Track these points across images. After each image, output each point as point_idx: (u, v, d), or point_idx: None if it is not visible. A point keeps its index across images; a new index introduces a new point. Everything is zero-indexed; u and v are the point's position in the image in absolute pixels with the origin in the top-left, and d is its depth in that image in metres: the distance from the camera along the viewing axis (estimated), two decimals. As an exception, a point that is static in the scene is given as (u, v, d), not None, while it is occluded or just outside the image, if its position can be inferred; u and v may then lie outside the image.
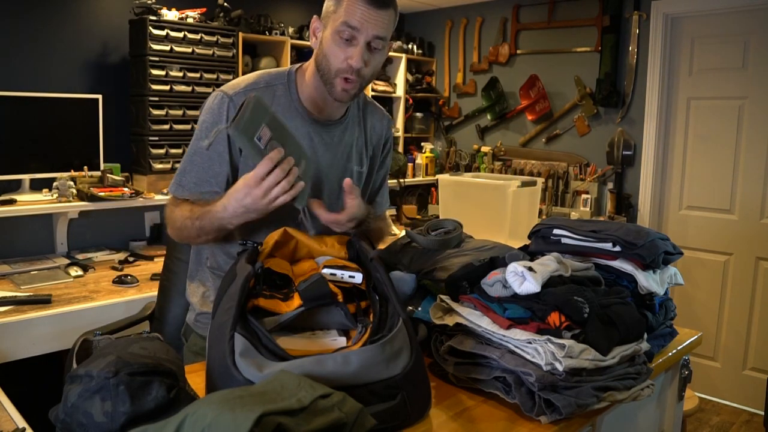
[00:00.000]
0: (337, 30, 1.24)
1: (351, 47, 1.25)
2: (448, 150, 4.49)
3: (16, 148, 2.66)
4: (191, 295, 1.48)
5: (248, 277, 1.02)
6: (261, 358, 0.90)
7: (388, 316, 1.03)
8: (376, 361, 0.93)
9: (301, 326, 1.10)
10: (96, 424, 0.80)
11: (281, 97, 1.35)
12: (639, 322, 1.14)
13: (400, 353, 0.96)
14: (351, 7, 1.23)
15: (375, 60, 1.29)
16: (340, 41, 1.25)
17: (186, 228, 1.29)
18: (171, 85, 2.94)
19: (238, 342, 0.91)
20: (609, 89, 3.63)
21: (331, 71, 1.27)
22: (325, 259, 1.18)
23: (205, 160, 1.31)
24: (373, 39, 1.25)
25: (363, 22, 1.23)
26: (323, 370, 0.89)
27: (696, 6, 3.37)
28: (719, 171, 3.42)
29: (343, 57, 1.25)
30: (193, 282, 1.49)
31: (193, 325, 1.48)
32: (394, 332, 0.97)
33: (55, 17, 2.87)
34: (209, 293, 1.44)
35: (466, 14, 4.36)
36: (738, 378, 3.43)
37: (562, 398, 0.98)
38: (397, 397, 0.93)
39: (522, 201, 3.20)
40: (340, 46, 1.25)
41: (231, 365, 0.89)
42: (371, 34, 1.24)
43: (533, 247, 1.42)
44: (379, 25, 1.24)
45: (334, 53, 1.26)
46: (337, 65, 1.26)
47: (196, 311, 1.46)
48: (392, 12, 1.27)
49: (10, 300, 2.20)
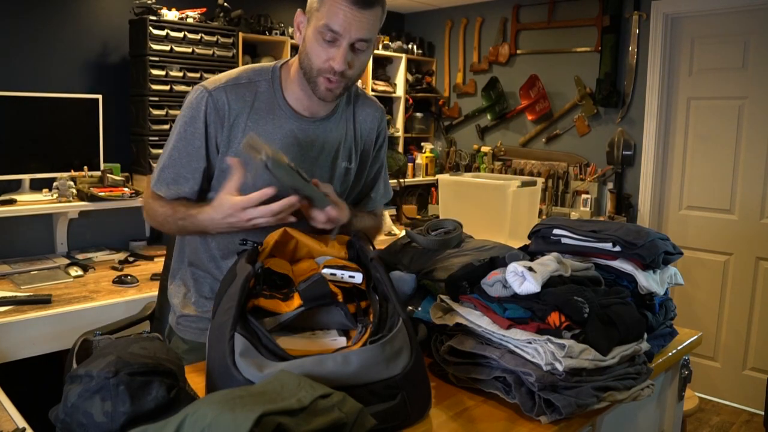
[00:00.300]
0: (319, 29, 1.19)
1: (333, 48, 1.21)
2: (448, 150, 4.49)
3: (16, 148, 2.66)
4: (172, 295, 1.47)
5: (248, 277, 1.02)
6: (261, 358, 0.90)
7: (388, 316, 1.03)
8: (376, 361, 0.93)
9: (301, 326, 1.10)
10: (96, 424, 0.80)
11: (263, 94, 1.32)
12: (639, 322, 1.14)
13: (400, 353, 0.96)
14: (334, 8, 1.17)
15: (360, 60, 1.25)
16: (322, 41, 1.20)
17: (167, 224, 1.31)
18: (171, 85, 2.94)
19: (238, 342, 0.91)
20: (609, 89, 3.63)
21: (313, 70, 1.24)
22: (325, 259, 1.18)
23: (183, 156, 1.30)
24: (358, 40, 1.20)
25: (346, 25, 1.17)
26: (323, 370, 0.89)
27: (696, 6, 3.37)
28: (719, 171, 3.42)
29: (325, 57, 1.21)
30: (174, 281, 1.47)
31: (174, 327, 1.46)
32: (394, 332, 0.97)
33: (55, 17, 2.87)
34: (191, 294, 1.42)
35: (466, 14, 4.36)
36: (738, 378, 3.43)
37: (562, 398, 0.98)
38: (397, 397, 0.93)
39: (522, 201, 3.20)
40: (322, 45, 1.21)
41: (231, 365, 0.89)
42: (355, 37, 1.19)
43: (533, 247, 1.42)
44: (363, 26, 1.19)
45: (316, 52, 1.22)
46: (318, 65, 1.22)
47: (177, 313, 1.44)
48: (378, 10, 1.22)
49: (10, 300, 2.20)
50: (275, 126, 1.31)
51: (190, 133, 1.29)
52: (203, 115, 1.28)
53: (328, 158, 1.38)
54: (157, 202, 1.33)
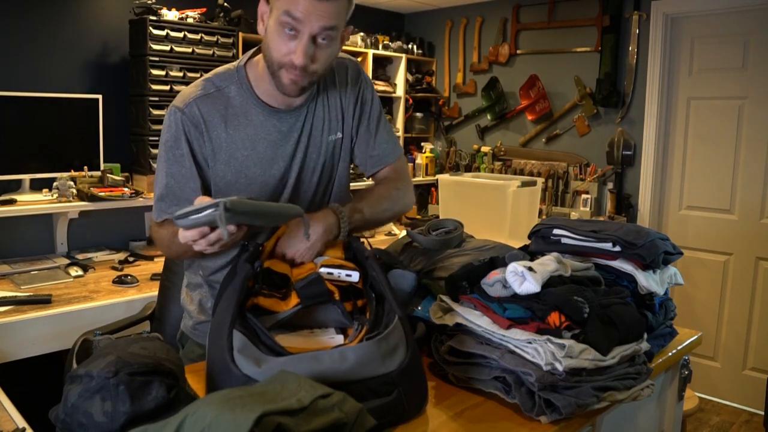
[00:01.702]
0: (279, 20, 1.12)
1: (294, 41, 1.13)
2: (448, 150, 4.49)
3: (16, 148, 2.66)
4: (187, 302, 1.46)
5: (247, 275, 1.03)
6: (259, 353, 0.91)
7: (384, 313, 1.04)
8: (372, 357, 0.94)
9: (299, 324, 1.11)
10: (96, 424, 0.80)
11: (235, 98, 1.27)
12: (639, 322, 1.14)
13: (396, 350, 0.97)
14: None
15: (325, 53, 1.17)
16: (282, 32, 1.13)
17: (174, 246, 1.23)
18: (171, 85, 2.94)
19: (236, 338, 0.92)
20: (609, 89, 3.63)
21: (274, 63, 1.17)
22: (322, 259, 1.18)
23: (179, 180, 1.26)
24: (321, 31, 1.12)
25: (306, 14, 1.10)
26: (320, 366, 0.90)
27: (696, 6, 3.37)
28: (719, 171, 3.42)
29: (285, 50, 1.14)
30: (189, 287, 1.46)
31: (189, 333, 1.45)
32: (390, 329, 0.98)
33: (55, 17, 2.87)
34: (206, 300, 1.41)
35: (466, 14, 4.36)
36: (738, 378, 3.43)
37: (562, 398, 0.98)
38: (393, 393, 0.94)
39: (522, 201, 3.20)
40: (282, 37, 1.13)
41: (230, 361, 0.90)
42: (316, 26, 1.11)
43: (533, 247, 1.42)
44: (325, 16, 1.11)
45: (276, 45, 1.15)
46: (278, 58, 1.16)
47: (194, 319, 1.43)
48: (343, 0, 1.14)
49: (10, 300, 2.20)
50: (255, 127, 1.28)
51: (178, 156, 1.25)
52: (183, 134, 1.25)
53: (316, 140, 1.34)
54: (161, 229, 1.29)
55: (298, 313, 1.07)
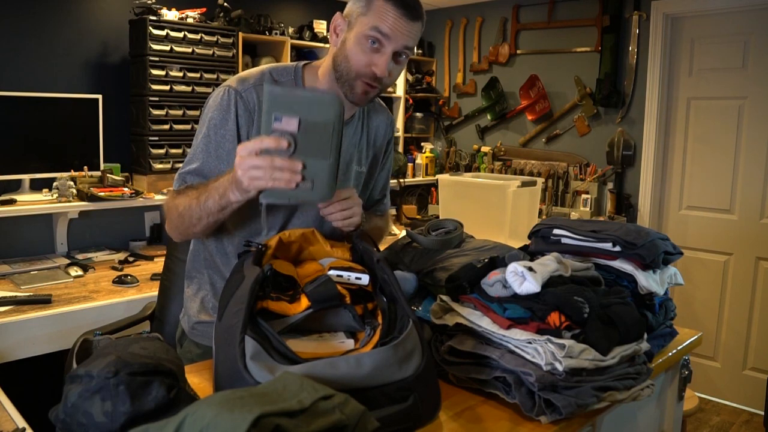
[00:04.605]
0: (365, 34, 1.21)
1: (377, 54, 1.22)
2: (448, 150, 4.49)
3: (16, 148, 2.66)
4: (189, 300, 1.45)
5: (258, 279, 1.00)
6: (272, 361, 0.89)
7: (397, 317, 1.03)
8: (388, 363, 0.92)
9: (308, 328, 1.09)
10: (96, 424, 0.80)
11: None
12: (639, 322, 1.14)
13: (412, 355, 0.96)
14: (383, 14, 1.20)
15: (397, 70, 1.27)
16: (366, 45, 1.22)
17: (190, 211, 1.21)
18: (171, 85, 2.94)
19: (248, 345, 0.89)
20: (609, 89, 3.63)
21: (351, 73, 1.24)
22: (329, 261, 1.17)
23: (212, 159, 1.27)
24: (402, 49, 1.23)
25: (394, 31, 1.20)
26: (336, 373, 0.88)
27: (696, 6, 3.37)
28: (719, 171, 3.42)
29: (367, 62, 1.23)
30: (191, 286, 1.45)
31: (188, 332, 1.45)
32: (406, 334, 0.96)
33: (55, 17, 2.87)
34: (208, 299, 1.41)
35: (466, 14, 4.36)
36: (738, 378, 3.43)
37: (562, 398, 0.98)
38: (410, 399, 0.93)
39: (522, 201, 3.20)
40: (365, 50, 1.22)
41: (242, 369, 0.87)
42: (401, 44, 1.22)
43: (533, 247, 1.42)
44: (408, 36, 1.22)
45: (357, 56, 1.23)
46: (358, 68, 1.23)
47: (194, 319, 1.43)
48: (421, 25, 1.25)
49: (10, 300, 2.20)
50: None
51: (221, 136, 1.27)
52: (234, 115, 1.27)
53: (344, 161, 1.39)
54: (178, 196, 1.26)
55: (307, 317, 1.04)
